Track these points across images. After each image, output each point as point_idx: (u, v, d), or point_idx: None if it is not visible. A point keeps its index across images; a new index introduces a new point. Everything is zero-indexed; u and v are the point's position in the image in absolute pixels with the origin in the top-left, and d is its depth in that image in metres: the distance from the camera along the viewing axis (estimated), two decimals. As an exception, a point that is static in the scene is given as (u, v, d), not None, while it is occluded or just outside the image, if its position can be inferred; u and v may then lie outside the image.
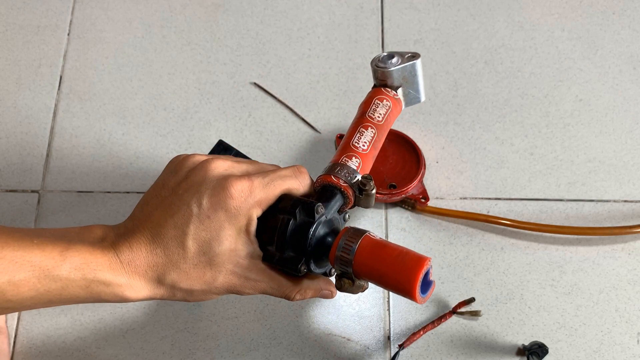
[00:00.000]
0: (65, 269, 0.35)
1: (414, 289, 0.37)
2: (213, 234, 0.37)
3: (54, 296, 0.35)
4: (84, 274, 0.35)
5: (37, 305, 0.36)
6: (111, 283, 0.36)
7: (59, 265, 0.35)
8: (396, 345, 0.59)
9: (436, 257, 0.64)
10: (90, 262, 0.36)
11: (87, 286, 0.36)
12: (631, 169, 0.68)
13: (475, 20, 0.76)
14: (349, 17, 0.76)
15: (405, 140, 0.67)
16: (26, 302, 0.35)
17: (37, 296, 0.35)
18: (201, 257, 0.37)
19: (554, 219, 0.65)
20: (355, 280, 0.41)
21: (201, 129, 0.70)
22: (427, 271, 0.39)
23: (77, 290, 0.35)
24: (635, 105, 0.71)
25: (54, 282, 0.35)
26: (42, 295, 0.35)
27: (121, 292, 0.37)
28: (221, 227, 0.37)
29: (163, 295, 0.38)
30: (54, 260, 0.35)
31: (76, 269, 0.35)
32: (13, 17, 0.76)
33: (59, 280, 0.35)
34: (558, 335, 0.60)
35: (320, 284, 0.43)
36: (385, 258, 0.39)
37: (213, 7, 0.77)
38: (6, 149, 0.69)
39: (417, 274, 0.37)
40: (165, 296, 0.38)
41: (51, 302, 0.36)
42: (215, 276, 0.38)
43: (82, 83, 0.72)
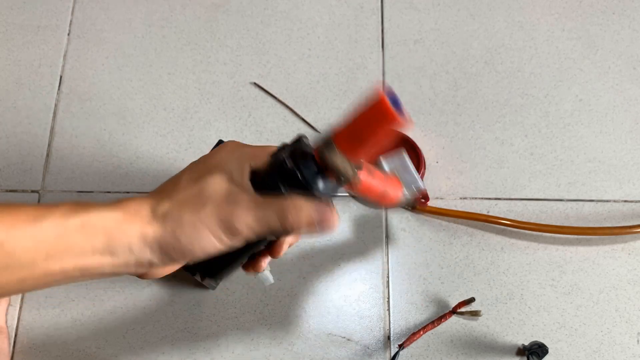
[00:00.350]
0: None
1: (385, 105, 0.34)
2: (206, 170, 0.39)
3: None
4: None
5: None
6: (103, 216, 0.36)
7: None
8: (396, 345, 0.59)
9: (436, 257, 0.64)
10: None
11: (83, 225, 0.36)
12: (631, 169, 0.68)
13: (475, 20, 0.76)
14: (349, 17, 0.76)
15: (405, 140, 0.67)
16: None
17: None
18: (192, 185, 0.38)
19: (554, 219, 0.65)
20: (346, 164, 0.38)
21: (201, 129, 0.70)
22: (393, 97, 0.35)
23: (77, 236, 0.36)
24: (635, 105, 0.71)
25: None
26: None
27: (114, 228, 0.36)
28: (215, 166, 0.39)
29: (155, 233, 0.37)
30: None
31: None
32: (13, 17, 0.76)
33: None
34: (558, 335, 0.60)
35: (316, 206, 0.39)
36: (356, 119, 0.37)
37: (213, 7, 0.77)
38: (6, 149, 0.69)
39: (380, 95, 0.35)
40: (158, 234, 0.37)
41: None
42: (205, 202, 0.37)
43: (82, 83, 0.72)
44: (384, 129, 0.35)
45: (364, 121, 0.36)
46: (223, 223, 0.37)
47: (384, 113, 0.35)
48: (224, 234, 0.37)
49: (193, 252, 0.37)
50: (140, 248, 0.37)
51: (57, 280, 0.36)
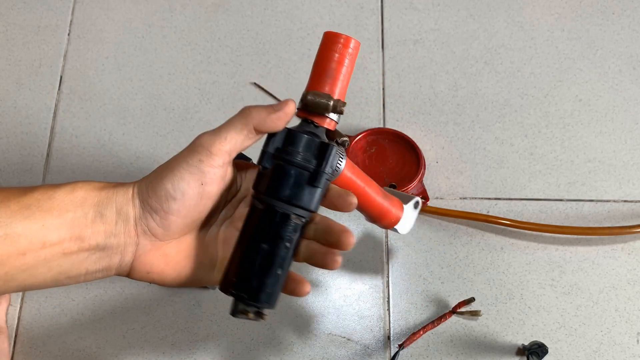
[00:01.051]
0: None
1: (328, 32, 0.40)
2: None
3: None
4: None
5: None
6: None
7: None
8: (396, 345, 0.59)
9: (436, 257, 0.64)
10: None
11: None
12: (631, 169, 0.68)
13: (475, 20, 0.76)
14: (349, 17, 0.76)
15: (405, 140, 0.67)
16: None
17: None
18: (164, 165, 0.39)
19: (554, 219, 0.65)
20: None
21: (201, 129, 0.69)
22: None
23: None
24: (635, 105, 0.71)
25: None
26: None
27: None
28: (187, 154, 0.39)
29: (135, 188, 0.37)
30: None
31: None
32: (13, 17, 0.76)
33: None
34: (558, 335, 0.60)
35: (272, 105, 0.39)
36: (316, 63, 0.41)
37: (213, 7, 0.77)
38: (6, 149, 0.69)
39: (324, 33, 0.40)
40: (136, 188, 0.37)
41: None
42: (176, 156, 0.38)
43: (82, 83, 0.72)
44: (335, 49, 0.39)
45: (322, 59, 0.40)
46: (195, 149, 0.38)
47: (329, 36, 0.39)
48: (198, 158, 0.37)
49: (166, 189, 0.36)
50: (123, 203, 0.37)
51: (55, 263, 0.36)
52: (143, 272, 0.39)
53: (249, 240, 0.38)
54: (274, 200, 0.38)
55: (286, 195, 0.38)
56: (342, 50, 0.40)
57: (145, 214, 0.37)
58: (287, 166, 0.38)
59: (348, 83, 0.41)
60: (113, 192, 0.37)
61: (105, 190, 0.37)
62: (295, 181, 0.38)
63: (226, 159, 0.38)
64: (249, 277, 0.38)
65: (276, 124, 0.38)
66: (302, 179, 0.38)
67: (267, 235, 0.38)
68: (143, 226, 0.37)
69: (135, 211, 0.37)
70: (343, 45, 0.40)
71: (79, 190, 0.37)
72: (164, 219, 0.37)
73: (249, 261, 0.38)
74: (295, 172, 0.38)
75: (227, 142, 0.37)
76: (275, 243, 0.38)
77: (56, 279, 0.37)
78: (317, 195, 0.39)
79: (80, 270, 0.37)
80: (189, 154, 0.38)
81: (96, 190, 0.37)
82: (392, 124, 0.70)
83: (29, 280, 0.36)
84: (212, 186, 0.38)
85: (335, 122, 0.41)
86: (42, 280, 0.36)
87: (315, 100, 0.39)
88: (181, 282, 0.41)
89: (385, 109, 0.71)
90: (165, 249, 0.39)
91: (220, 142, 0.37)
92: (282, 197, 0.38)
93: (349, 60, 0.40)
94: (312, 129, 0.40)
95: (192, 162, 0.37)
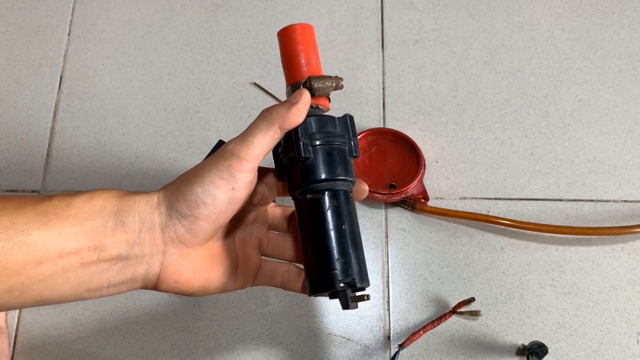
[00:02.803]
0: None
1: (283, 28, 0.42)
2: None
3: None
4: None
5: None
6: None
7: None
8: (396, 345, 0.59)
9: (436, 257, 0.64)
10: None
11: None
12: (631, 169, 0.68)
13: (475, 20, 0.76)
14: (349, 17, 0.76)
15: (405, 140, 0.67)
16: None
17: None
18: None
19: (554, 219, 0.65)
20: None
21: (201, 129, 0.70)
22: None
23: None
24: (635, 105, 0.71)
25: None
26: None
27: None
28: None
29: (159, 195, 0.37)
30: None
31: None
32: (13, 17, 0.76)
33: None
34: (558, 335, 0.60)
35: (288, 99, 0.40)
36: (283, 58, 0.43)
37: (213, 7, 0.77)
38: (6, 149, 0.69)
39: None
40: (161, 195, 0.37)
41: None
42: (202, 164, 0.38)
43: (82, 83, 0.72)
44: (297, 34, 0.42)
45: (287, 52, 0.42)
46: (224, 156, 0.37)
47: (286, 29, 0.41)
48: (228, 164, 0.37)
49: (196, 194, 0.36)
50: (147, 211, 0.36)
51: (72, 276, 0.35)
52: (171, 282, 0.38)
53: (328, 230, 0.38)
54: (332, 182, 0.39)
55: (341, 173, 0.39)
56: (302, 36, 0.42)
57: (173, 220, 0.36)
58: (330, 147, 0.39)
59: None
60: (134, 200, 0.37)
61: (126, 198, 0.37)
62: (341, 158, 0.39)
63: (255, 164, 0.38)
64: (349, 263, 0.38)
65: (298, 117, 0.39)
66: (344, 154, 0.40)
67: (343, 217, 0.38)
68: (170, 233, 0.37)
69: (162, 218, 0.36)
70: (301, 33, 0.42)
71: (97, 198, 0.36)
72: (193, 224, 0.37)
73: (340, 248, 0.38)
74: (337, 150, 0.39)
75: (255, 147, 0.37)
76: (351, 221, 0.39)
77: (75, 291, 0.35)
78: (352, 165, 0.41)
79: (101, 282, 0.36)
80: (218, 160, 0.37)
81: (115, 199, 0.36)
82: (392, 124, 0.70)
83: (47, 293, 0.35)
84: (242, 191, 0.37)
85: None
86: (60, 292, 0.35)
87: (324, 84, 0.40)
88: (208, 290, 0.40)
89: (385, 109, 0.71)
90: (192, 256, 0.38)
91: (249, 147, 0.37)
92: (338, 176, 0.39)
93: (313, 41, 0.43)
94: (320, 111, 0.41)
95: (223, 167, 0.37)
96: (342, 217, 0.38)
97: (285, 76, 0.42)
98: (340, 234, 0.38)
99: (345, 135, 0.40)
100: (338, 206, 0.39)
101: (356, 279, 0.38)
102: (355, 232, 0.39)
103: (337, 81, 0.41)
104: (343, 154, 0.40)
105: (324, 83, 0.40)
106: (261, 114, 0.39)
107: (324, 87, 0.40)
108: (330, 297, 0.39)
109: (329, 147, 0.39)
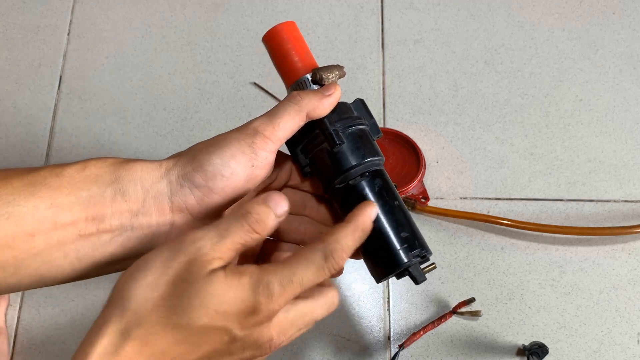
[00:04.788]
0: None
1: (267, 31, 0.42)
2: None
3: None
4: None
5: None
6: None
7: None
8: (396, 345, 0.59)
9: (436, 257, 0.64)
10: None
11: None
12: (631, 169, 0.68)
13: (475, 20, 0.76)
14: (349, 17, 0.76)
15: (405, 140, 0.67)
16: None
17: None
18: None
19: (554, 219, 0.65)
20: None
21: (201, 129, 0.70)
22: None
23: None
24: (635, 105, 0.71)
25: None
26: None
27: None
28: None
29: (169, 163, 0.35)
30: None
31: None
32: (13, 17, 0.76)
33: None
34: (558, 335, 0.60)
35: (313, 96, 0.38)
36: (276, 62, 0.43)
37: (213, 7, 0.77)
38: (6, 149, 0.69)
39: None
40: (171, 163, 0.35)
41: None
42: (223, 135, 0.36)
43: (82, 83, 0.72)
44: (283, 34, 0.41)
45: (278, 54, 0.42)
46: (248, 132, 0.35)
47: (271, 32, 0.41)
48: (251, 140, 0.35)
49: (215, 165, 0.34)
50: (152, 180, 0.34)
51: (70, 248, 0.32)
52: None
53: (380, 209, 0.38)
54: (368, 164, 0.39)
55: (375, 152, 0.39)
56: (288, 35, 0.42)
57: (184, 190, 0.34)
58: (358, 130, 0.39)
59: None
60: (134, 168, 0.34)
61: (124, 166, 0.34)
62: (370, 139, 0.40)
63: (277, 145, 0.36)
64: (411, 235, 0.38)
65: (327, 109, 0.38)
66: (370, 135, 0.40)
67: (389, 194, 0.38)
68: (180, 203, 0.34)
69: (171, 187, 0.34)
70: (286, 32, 0.42)
71: (91, 167, 0.33)
72: (206, 196, 0.34)
73: (398, 224, 0.38)
74: (364, 132, 0.39)
75: (281, 129, 0.36)
76: (396, 196, 0.39)
77: (76, 267, 0.33)
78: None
79: (104, 257, 0.33)
80: (241, 135, 0.35)
81: (112, 166, 0.34)
82: (392, 124, 0.70)
83: (44, 269, 0.32)
84: (261, 170, 0.36)
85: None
86: (59, 268, 0.33)
87: (332, 74, 0.40)
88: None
89: (385, 109, 0.71)
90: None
91: (274, 128, 0.36)
92: (374, 156, 0.39)
93: (300, 37, 0.42)
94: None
95: (246, 142, 0.35)
96: (389, 194, 0.38)
97: (283, 78, 0.42)
98: (393, 209, 0.38)
99: (367, 117, 0.41)
100: (382, 185, 0.38)
101: (422, 250, 0.37)
102: (403, 204, 0.39)
103: (340, 69, 0.41)
104: (368, 135, 0.40)
105: (332, 73, 0.40)
106: (290, 96, 0.37)
107: (332, 76, 0.40)
108: (398, 277, 0.38)
109: (356, 129, 0.39)
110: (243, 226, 0.31)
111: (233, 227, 0.31)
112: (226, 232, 0.31)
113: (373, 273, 0.38)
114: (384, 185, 0.38)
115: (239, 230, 0.31)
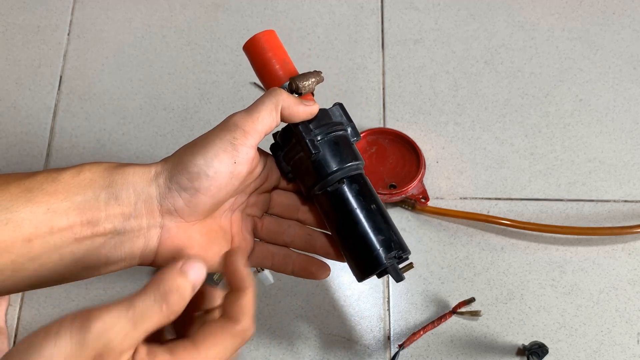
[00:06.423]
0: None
1: (246, 42, 0.42)
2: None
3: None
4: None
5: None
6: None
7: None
8: (396, 345, 0.59)
9: (436, 257, 0.64)
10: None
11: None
12: (631, 169, 0.68)
13: (476, 20, 0.76)
14: (349, 17, 0.76)
15: (405, 140, 0.67)
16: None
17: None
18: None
19: (554, 219, 0.65)
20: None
21: (201, 129, 0.70)
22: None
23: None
24: (635, 105, 0.71)
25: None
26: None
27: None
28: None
29: (157, 168, 0.36)
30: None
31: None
32: (13, 17, 0.76)
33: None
34: (558, 335, 0.60)
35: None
36: (257, 69, 0.43)
37: (213, 7, 0.77)
38: (6, 149, 0.69)
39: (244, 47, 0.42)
40: (159, 167, 0.36)
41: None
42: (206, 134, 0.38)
43: (82, 83, 0.72)
44: (263, 43, 0.42)
45: (258, 63, 0.42)
46: (228, 128, 0.36)
47: (250, 41, 0.42)
48: (232, 136, 0.36)
49: (198, 165, 0.36)
50: (143, 184, 0.35)
51: (65, 250, 0.33)
52: (169, 257, 0.37)
53: (358, 214, 0.39)
54: (346, 169, 0.39)
55: (352, 158, 0.40)
56: (268, 43, 0.42)
57: (172, 192, 0.35)
58: (335, 137, 0.40)
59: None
60: (127, 172, 0.35)
61: (117, 171, 0.35)
62: (347, 144, 0.40)
63: (257, 139, 0.37)
64: (388, 238, 0.39)
65: (300, 115, 0.39)
66: (348, 139, 0.41)
67: (367, 198, 0.39)
68: (169, 205, 0.35)
69: (160, 190, 0.36)
70: (266, 41, 0.42)
71: (86, 172, 0.35)
72: (193, 196, 0.36)
73: (376, 227, 0.39)
74: (341, 137, 0.40)
75: (260, 122, 0.37)
76: (375, 199, 0.40)
77: (72, 270, 0.34)
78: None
79: (99, 259, 0.34)
80: (222, 132, 0.37)
81: (105, 172, 0.35)
82: (392, 124, 0.70)
83: (41, 272, 0.33)
84: (243, 166, 0.37)
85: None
86: (55, 271, 0.34)
87: (309, 82, 0.41)
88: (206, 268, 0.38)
89: (385, 108, 0.71)
90: (190, 232, 0.37)
91: (254, 122, 0.37)
92: (351, 162, 0.40)
93: (280, 45, 0.43)
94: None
95: (226, 139, 0.36)
96: (367, 198, 0.39)
97: (264, 85, 0.42)
98: (371, 213, 0.39)
99: (342, 123, 0.41)
100: (360, 189, 0.39)
101: (399, 251, 0.39)
102: (381, 207, 0.40)
103: (317, 75, 0.42)
104: (347, 140, 0.41)
105: (308, 80, 0.41)
106: (270, 92, 0.38)
107: (309, 84, 0.41)
108: (379, 276, 0.40)
109: (334, 136, 0.40)
110: (161, 310, 0.29)
111: (150, 311, 0.28)
112: (141, 319, 0.28)
113: (354, 273, 0.40)
114: (361, 190, 0.39)
115: (156, 314, 0.29)
